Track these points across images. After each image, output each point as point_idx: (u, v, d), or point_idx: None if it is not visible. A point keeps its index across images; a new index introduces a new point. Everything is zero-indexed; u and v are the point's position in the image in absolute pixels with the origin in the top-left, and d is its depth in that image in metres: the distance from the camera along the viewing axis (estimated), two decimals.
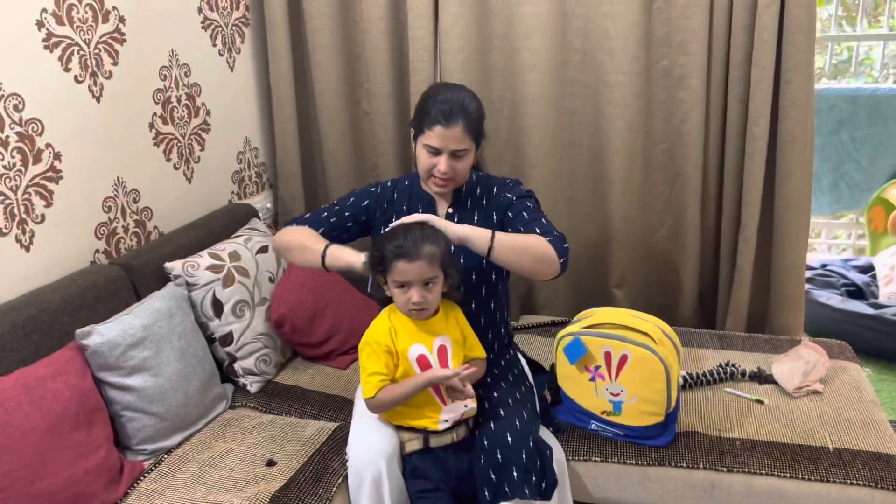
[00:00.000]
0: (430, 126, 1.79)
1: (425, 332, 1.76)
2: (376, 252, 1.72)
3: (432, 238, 1.69)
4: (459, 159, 1.82)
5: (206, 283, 2.14)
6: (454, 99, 1.80)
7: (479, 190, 1.96)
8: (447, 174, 1.82)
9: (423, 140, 1.82)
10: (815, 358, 2.17)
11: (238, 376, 2.20)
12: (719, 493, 1.86)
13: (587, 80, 2.63)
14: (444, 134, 1.78)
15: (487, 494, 1.72)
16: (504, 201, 1.91)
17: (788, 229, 2.52)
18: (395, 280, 1.70)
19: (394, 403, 1.74)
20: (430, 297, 1.71)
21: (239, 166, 2.84)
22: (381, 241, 1.73)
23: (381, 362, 1.73)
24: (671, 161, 2.66)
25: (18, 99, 1.88)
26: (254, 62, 2.88)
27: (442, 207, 1.95)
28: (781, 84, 2.39)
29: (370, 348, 1.75)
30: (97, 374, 1.81)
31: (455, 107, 1.78)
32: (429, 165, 1.83)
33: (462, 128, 1.79)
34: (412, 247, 1.66)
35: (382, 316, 1.80)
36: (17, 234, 1.90)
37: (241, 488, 1.76)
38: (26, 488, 1.54)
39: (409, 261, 1.66)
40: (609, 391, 1.91)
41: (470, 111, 1.81)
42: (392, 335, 1.74)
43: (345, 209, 1.97)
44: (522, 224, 1.84)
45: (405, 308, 1.72)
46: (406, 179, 2.01)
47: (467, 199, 1.95)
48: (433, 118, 1.78)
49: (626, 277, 2.80)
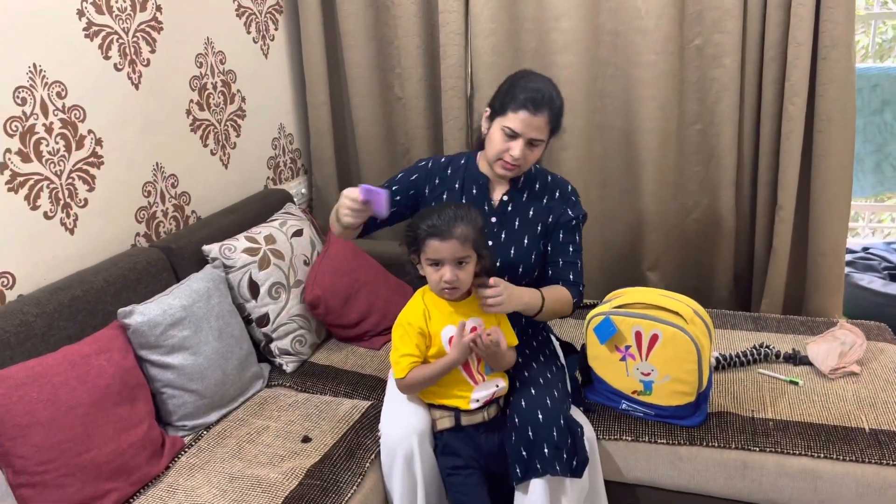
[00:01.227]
0: (515, 110, 1.80)
1: (459, 314, 1.78)
2: (410, 231, 1.75)
3: (466, 218, 1.71)
4: (533, 148, 1.84)
5: (242, 266, 2.19)
6: (544, 89, 1.81)
7: (538, 185, 1.97)
8: (519, 160, 1.83)
9: (504, 122, 1.82)
10: (852, 339, 2.14)
11: (274, 356, 2.25)
12: (751, 473, 1.85)
13: (619, 61, 2.61)
14: (528, 120, 1.79)
15: (518, 471, 1.74)
16: (563, 216, 1.94)
17: (826, 210, 2.47)
18: (427, 258, 1.72)
19: (424, 384, 1.77)
20: (462, 276, 1.73)
21: (274, 152, 2.89)
22: (416, 219, 1.76)
23: (413, 343, 1.75)
24: (705, 142, 2.63)
25: (61, 86, 1.94)
26: (287, 49, 2.92)
27: (497, 192, 1.96)
28: (819, 61, 2.35)
29: (402, 329, 1.78)
30: (139, 353, 1.87)
31: (545, 96, 1.80)
32: (502, 148, 1.83)
33: (546, 118, 1.80)
34: (445, 226, 1.68)
35: (416, 298, 1.82)
36: (62, 218, 1.97)
37: (278, 463, 1.80)
38: (74, 459, 1.61)
39: (441, 239, 1.68)
40: (640, 371, 1.91)
41: (556, 105, 1.83)
42: (426, 317, 1.76)
43: (394, 184, 2.00)
44: (564, 259, 1.93)
45: (437, 287, 1.74)
46: (462, 157, 2.01)
47: (524, 190, 1.96)
48: (521, 102, 1.79)
49: (660, 260, 2.78)
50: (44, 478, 1.57)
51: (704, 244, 2.74)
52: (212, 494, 1.70)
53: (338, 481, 1.75)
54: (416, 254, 1.75)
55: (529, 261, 1.92)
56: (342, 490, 1.73)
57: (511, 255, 1.91)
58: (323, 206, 3.07)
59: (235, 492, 1.71)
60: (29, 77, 1.85)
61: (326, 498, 1.69)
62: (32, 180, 1.88)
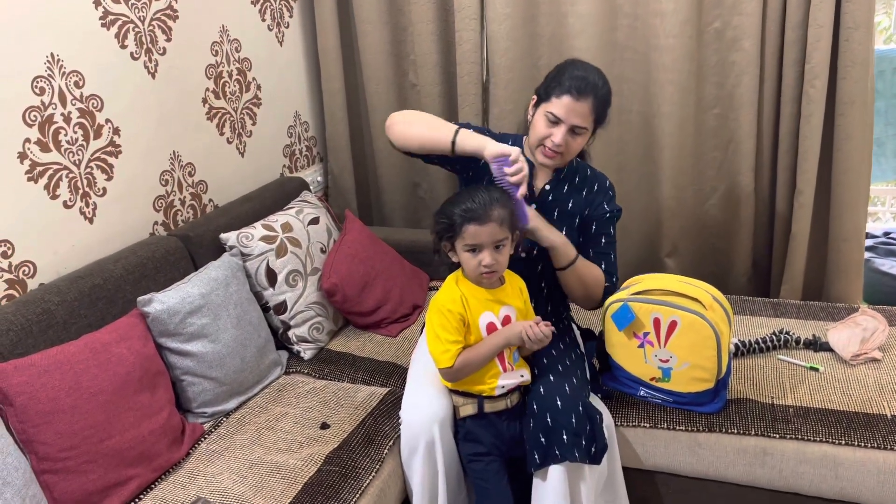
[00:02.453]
0: (559, 95, 1.79)
1: (494, 300, 1.77)
2: (444, 218, 1.72)
3: (501, 200, 1.70)
4: (576, 136, 1.82)
5: (259, 254, 2.20)
6: (590, 77, 1.80)
7: (577, 178, 1.96)
8: (560, 147, 1.81)
9: (548, 107, 1.81)
10: (874, 325, 2.12)
11: (292, 343, 2.26)
12: (771, 460, 1.84)
13: (637, 45, 2.58)
14: (571, 106, 1.78)
15: (537, 458, 1.74)
16: (598, 209, 1.94)
17: (846, 195, 2.44)
18: (465, 244, 1.70)
19: (472, 369, 1.75)
20: (501, 259, 1.72)
21: (290, 140, 2.89)
22: (448, 206, 1.73)
23: (455, 329, 1.73)
24: (724, 126, 2.60)
25: (79, 76, 1.95)
26: (302, 36, 2.91)
27: (540, 180, 1.95)
28: (840, 43, 2.31)
29: (443, 317, 1.73)
30: (158, 340, 1.89)
31: (590, 84, 1.79)
32: (544, 134, 1.83)
33: (591, 105, 1.79)
34: (482, 209, 1.66)
35: (450, 285, 1.79)
36: (81, 207, 1.99)
37: (297, 449, 1.82)
38: (96, 446, 1.63)
39: (480, 223, 1.66)
40: (658, 357, 1.90)
41: (602, 93, 1.81)
42: (464, 303, 1.74)
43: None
44: (596, 250, 1.93)
45: (475, 272, 1.72)
46: (511, 139, 2.00)
47: (566, 181, 1.95)
48: (566, 88, 1.78)
49: (678, 246, 2.76)
50: (66, 464, 1.58)
51: (723, 230, 2.71)
52: (232, 480, 1.72)
53: (356, 467, 1.76)
54: (451, 240, 1.73)
55: None
56: (361, 476, 1.74)
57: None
58: (339, 194, 3.08)
59: (255, 478, 1.72)
60: (47, 66, 1.86)
61: (345, 484, 1.71)
62: (52, 170, 1.89)
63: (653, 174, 2.71)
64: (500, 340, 1.72)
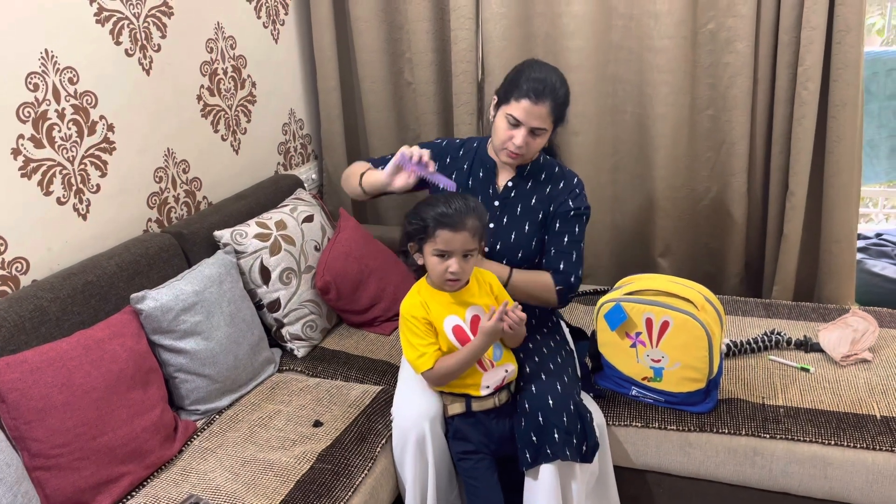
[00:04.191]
0: (518, 98, 1.81)
1: (457, 303, 1.78)
2: (417, 219, 1.73)
3: (477, 210, 1.71)
4: (536, 137, 1.85)
5: (253, 251, 2.20)
6: (548, 79, 1.82)
7: (543, 174, 1.97)
8: (522, 148, 1.84)
9: (508, 110, 1.84)
10: (865, 326, 2.13)
11: (285, 341, 2.27)
12: (761, 460, 1.85)
13: (631, 46, 2.59)
14: (530, 109, 1.80)
15: (528, 457, 1.75)
16: (562, 206, 1.94)
17: (838, 196, 2.45)
18: (436, 248, 1.71)
19: (453, 374, 1.75)
20: (467, 268, 1.73)
21: (284, 137, 2.89)
22: (423, 207, 1.74)
23: (425, 333, 1.75)
24: (717, 127, 2.61)
25: (73, 72, 1.94)
26: (297, 34, 2.91)
27: (503, 178, 1.98)
28: (833, 45, 2.32)
29: (410, 324, 1.76)
30: (151, 337, 1.89)
31: (548, 86, 1.80)
32: (506, 136, 1.85)
33: (548, 108, 1.81)
34: (458, 217, 1.67)
35: (412, 293, 1.81)
36: (75, 204, 1.98)
37: (290, 447, 1.82)
38: (88, 443, 1.63)
39: (453, 230, 1.67)
40: (650, 357, 1.91)
41: (559, 94, 1.83)
42: (426, 309, 1.76)
43: None
44: (557, 248, 1.93)
45: (441, 278, 1.73)
46: (476, 141, 2.04)
47: (529, 178, 1.97)
48: (524, 91, 1.80)
49: (671, 246, 2.77)
50: (59, 461, 1.59)
51: (715, 230, 2.73)
52: (224, 478, 1.72)
53: (349, 465, 1.76)
54: (420, 242, 1.74)
55: (530, 247, 1.93)
56: (353, 474, 1.74)
57: (511, 240, 1.92)
58: (333, 192, 3.08)
59: (248, 475, 1.72)
60: (41, 63, 1.86)
61: (338, 481, 1.71)
62: (45, 166, 1.89)
63: (646, 174, 2.72)
64: (483, 341, 1.70)
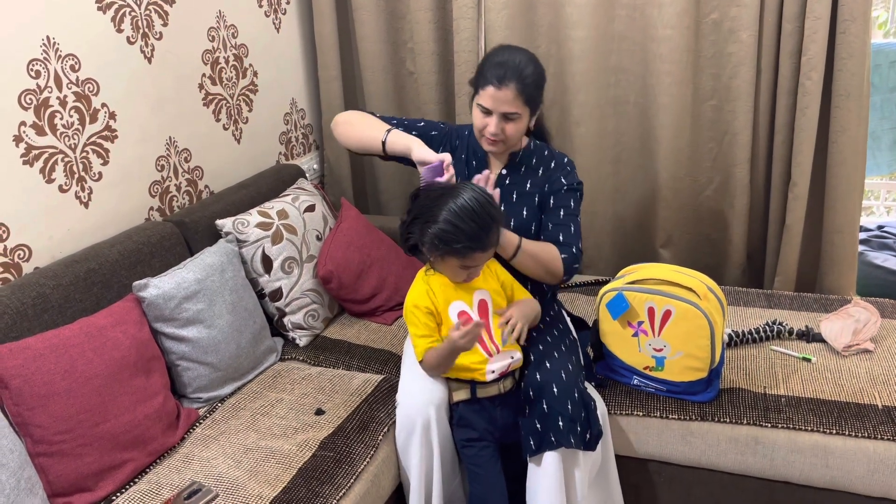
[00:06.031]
0: (483, 86, 1.81)
1: (463, 288, 1.78)
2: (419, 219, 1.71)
3: (496, 212, 1.71)
4: (510, 122, 1.83)
5: (255, 240, 2.19)
6: (510, 61, 1.80)
7: (535, 159, 1.97)
8: (497, 135, 1.84)
9: (478, 100, 1.84)
10: (867, 316, 2.13)
11: (287, 330, 2.27)
12: (763, 449, 1.85)
13: (634, 36, 2.58)
14: (495, 95, 1.79)
15: (532, 444, 1.75)
16: (555, 183, 1.94)
17: (841, 187, 2.45)
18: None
19: (441, 366, 1.77)
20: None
21: (286, 127, 2.88)
22: (429, 204, 1.70)
23: (423, 324, 1.76)
24: (720, 118, 2.60)
25: (75, 59, 1.94)
26: (299, 22, 2.90)
27: (495, 168, 1.98)
28: (837, 35, 2.31)
29: (410, 313, 1.79)
30: (154, 325, 1.89)
31: (510, 70, 1.78)
32: (481, 125, 1.86)
33: (514, 91, 1.79)
34: (482, 235, 1.67)
35: (418, 279, 1.82)
36: (77, 191, 1.98)
37: (292, 435, 1.82)
38: (91, 430, 1.63)
39: (478, 249, 1.68)
40: (652, 346, 1.91)
41: (525, 75, 1.80)
42: (431, 296, 1.77)
43: (412, 128, 2.01)
44: (554, 222, 1.91)
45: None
46: (467, 130, 2.03)
47: (522, 165, 1.97)
48: (487, 78, 1.80)
49: (673, 237, 2.77)
50: (62, 447, 1.59)
51: (718, 221, 2.72)
52: (227, 465, 1.72)
53: (351, 453, 1.77)
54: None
55: (530, 231, 1.93)
56: (355, 461, 1.75)
57: (511, 227, 1.91)
58: (335, 182, 3.07)
59: (250, 462, 1.73)
60: (43, 50, 1.85)
61: (340, 469, 1.71)
62: (47, 153, 1.89)
63: (649, 165, 2.71)
64: (446, 345, 1.70)
